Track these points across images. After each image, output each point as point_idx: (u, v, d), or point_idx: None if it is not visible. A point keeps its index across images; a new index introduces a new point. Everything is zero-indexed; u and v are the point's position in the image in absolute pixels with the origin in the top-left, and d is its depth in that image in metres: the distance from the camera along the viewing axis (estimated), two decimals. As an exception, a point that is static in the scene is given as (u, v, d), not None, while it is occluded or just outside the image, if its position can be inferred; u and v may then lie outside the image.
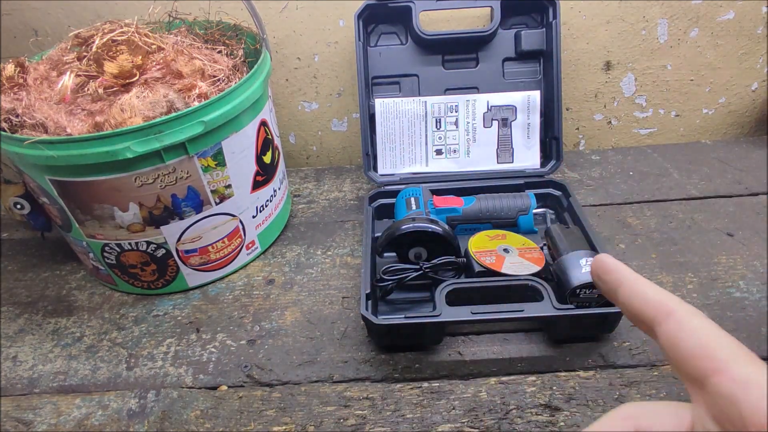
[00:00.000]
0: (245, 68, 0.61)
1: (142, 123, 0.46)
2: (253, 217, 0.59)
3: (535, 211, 0.60)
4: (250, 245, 0.61)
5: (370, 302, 0.49)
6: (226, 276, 0.60)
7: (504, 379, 0.47)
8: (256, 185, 0.58)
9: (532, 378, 0.46)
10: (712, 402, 0.19)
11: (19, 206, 0.57)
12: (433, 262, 0.53)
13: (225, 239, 0.57)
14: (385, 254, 0.59)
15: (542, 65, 0.68)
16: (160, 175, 0.49)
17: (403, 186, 0.65)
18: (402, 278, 0.52)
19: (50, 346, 0.54)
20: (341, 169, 0.79)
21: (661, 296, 0.23)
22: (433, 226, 0.53)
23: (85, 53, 0.53)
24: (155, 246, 0.54)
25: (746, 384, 0.18)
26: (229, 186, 0.54)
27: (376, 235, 0.59)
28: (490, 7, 0.66)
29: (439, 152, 0.68)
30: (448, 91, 0.69)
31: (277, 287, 0.58)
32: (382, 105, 0.67)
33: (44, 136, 0.46)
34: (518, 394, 0.45)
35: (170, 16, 0.64)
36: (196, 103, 0.50)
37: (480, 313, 0.46)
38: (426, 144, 0.68)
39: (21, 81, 0.53)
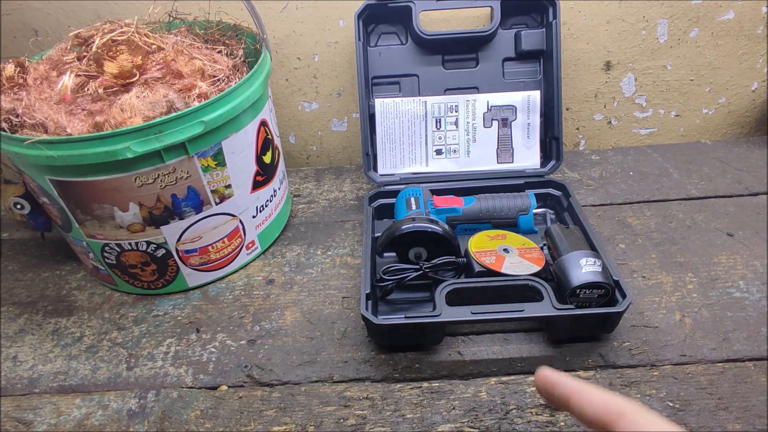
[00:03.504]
0: (245, 68, 0.61)
1: (142, 123, 0.46)
2: (253, 217, 0.59)
3: (535, 211, 0.60)
4: (250, 245, 0.61)
5: (370, 302, 0.49)
6: (226, 276, 0.60)
7: (504, 379, 0.47)
8: (256, 185, 0.58)
9: (532, 378, 0.46)
10: None
11: (19, 206, 0.57)
12: (433, 262, 0.53)
13: (225, 239, 0.57)
14: (385, 254, 0.59)
15: (542, 65, 0.68)
16: (160, 175, 0.49)
17: (403, 186, 0.65)
18: (402, 278, 0.52)
19: (50, 346, 0.54)
20: (341, 169, 0.79)
21: (609, 400, 0.25)
22: (433, 226, 0.53)
23: (85, 53, 0.53)
24: (155, 246, 0.54)
25: None
26: (229, 186, 0.54)
27: (376, 235, 0.59)
28: (490, 7, 0.66)
29: (439, 152, 0.68)
30: (448, 91, 0.69)
31: (277, 287, 0.58)
32: (382, 105, 0.67)
33: (44, 136, 0.46)
34: (518, 394, 0.45)
35: (170, 16, 0.64)
36: (196, 103, 0.50)
37: (480, 313, 0.46)
38: (426, 144, 0.68)
39: (21, 81, 0.53)
